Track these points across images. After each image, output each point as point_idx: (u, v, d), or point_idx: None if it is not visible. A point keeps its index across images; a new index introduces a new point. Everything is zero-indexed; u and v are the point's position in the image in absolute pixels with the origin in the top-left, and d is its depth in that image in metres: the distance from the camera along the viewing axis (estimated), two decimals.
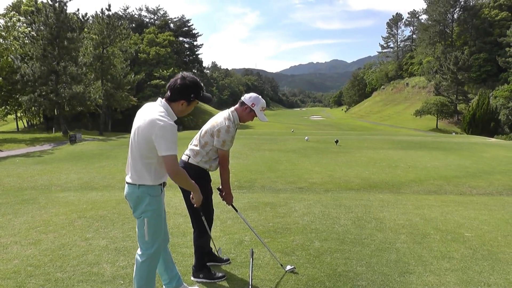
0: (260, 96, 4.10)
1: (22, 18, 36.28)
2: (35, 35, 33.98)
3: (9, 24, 32.76)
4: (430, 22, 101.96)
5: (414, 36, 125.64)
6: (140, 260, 3.27)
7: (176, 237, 5.18)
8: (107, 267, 4.27)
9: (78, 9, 39.57)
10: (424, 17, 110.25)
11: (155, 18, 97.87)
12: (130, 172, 3.21)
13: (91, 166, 13.98)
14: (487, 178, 11.58)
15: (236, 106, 4.07)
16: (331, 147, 21.02)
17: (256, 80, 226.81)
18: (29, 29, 34.74)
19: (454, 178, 11.48)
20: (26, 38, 34.63)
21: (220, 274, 4.07)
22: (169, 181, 3.32)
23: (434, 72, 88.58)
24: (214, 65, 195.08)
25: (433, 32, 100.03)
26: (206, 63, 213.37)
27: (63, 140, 29.64)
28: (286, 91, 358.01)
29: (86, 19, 40.06)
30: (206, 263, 4.10)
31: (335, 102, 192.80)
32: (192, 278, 4.03)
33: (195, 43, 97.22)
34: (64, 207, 7.24)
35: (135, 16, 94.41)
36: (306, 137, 27.29)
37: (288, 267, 4.18)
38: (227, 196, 4.16)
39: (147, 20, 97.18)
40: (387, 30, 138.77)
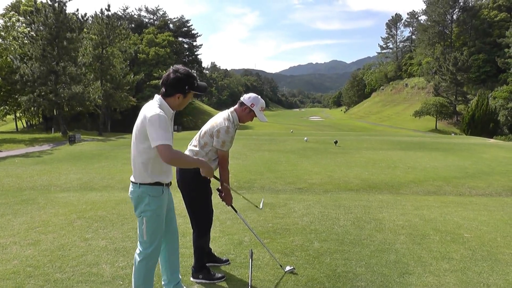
0: (260, 96, 4.10)
1: (22, 18, 36.28)
2: (35, 35, 33.96)
3: (9, 24, 32.76)
4: (429, 23, 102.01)
5: (413, 37, 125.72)
6: (138, 259, 3.28)
7: None
8: (107, 268, 4.27)
9: (78, 9, 39.43)
10: (423, 18, 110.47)
11: (155, 19, 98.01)
12: (133, 171, 3.25)
13: (91, 167, 13.97)
14: (486, 179, 11.58)
15: (236, 107, 4.07)
16: (331, 148, 21.03)
17: (256, 81, 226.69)
18: (29, 29, 34.73)
19: (454, 179, 11.48)
20: (26, 38, 34.63)
21: (220, 275, 4.06)
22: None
23: (433, 73, 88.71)
24: (214, 66, 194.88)
25: (432, 33, 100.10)
26: (206, 64, 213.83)
27: (62, 141, 29.62)
28: (286, 92, 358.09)
29: (86, 19, 39.98)
30: (206, 264, 4.10)
31: (334, 103, 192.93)
32: (192, 279, 4.03)
33: (195, 44, 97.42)
34: (64, 208, 7.23)
35: (135, 17, 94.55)
36: (305, 138, 27.31)
37: (288, 268, 4.18)
38: (227, 197, 4.16)
39: (147, 21, 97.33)
40: (386, 31, 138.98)
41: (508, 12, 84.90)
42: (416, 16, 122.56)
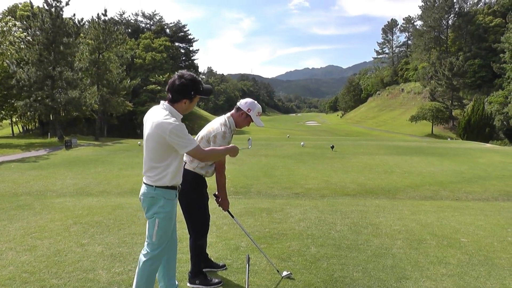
0: (256, 101, 4.11)
1: (18, 23, 36.14)
2: (31, 40, 33.93)
3: (5, 29, 32.61)
4: (425, 28, 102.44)
5: (409, 42, 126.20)
6: (144, 259, 3.33)
7: None
8: (103, 274, 4.25)
9: (74, 14, 39.48)
10: (419, 23, 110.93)
11: (151, 23, 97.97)
12: (147, 174, 3.30)
13: (87, 172, 13.94)
14: (483, 184, 11.62)
15: (232, 112, 4.08)
16: (327, 153, 21.06)
17: (252, 86, 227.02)
18: (25, 34, 34.68)
19: (450, 184, 11.51)
20: (22, 43, 34.55)
21: (216, 280, 4.05)
22: None
23: (429, 78, 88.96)
24: (210, 71, 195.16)
25: (428, 38, 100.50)
26: (202, 69, 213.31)
27: (59, 146, 29.55)
28: (282, 97, 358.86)
29: (82, 24, 40.07)
30: (202, 269, 4.09)
31: (331, 108, 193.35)
32: (188, 284, 4.01)
33: (191, 48, 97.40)
34: (60, 213, 7.20)
35: (131, 21, 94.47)
36: (302, 143, 27.33)
37: (285, 273, 4.17)
38: (223, 202, 4.15)
39: (143, 25, 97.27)
40: (382, 36, 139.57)
41: (503, 18, 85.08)
42: (412, 22, 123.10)
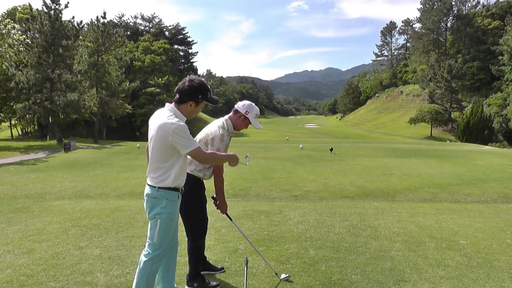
0: (254, 104, 4.11)
1: (17, 26, 36.16)
2: (30, 43, 33.88)
3: (4, 32, 32.60)
4: (424, 31, 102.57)
5: (408, 45, 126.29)
6: (144, 259, 3.36)
7: None
8: (101, 276, 4.24)
9: (73, 17, 39.63)
10: (418, 26, 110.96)
11: (150, 26, 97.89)
12: (150, 175, 3.36)
13: (86, 174, 13.92)
14: (482, 186, 11.64)
15: (230, 114, 4.08)
16: (326, 155, 21.06)
17: (251, 88, 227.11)
18: (24, 37, 34.62)
19: (449, 186, 11.52)
20: (21, 46, 34.52)
21: (215, 283, 4.04)
22: None
23: (428, 80, 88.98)
24: (209, 73, 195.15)
25: (427, 41, 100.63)
26: (201, 71, 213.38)
27: (58, 148, 29.49)
28: (281, 99, 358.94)
29: (81, 27, 40.02)
30: (201, 272, 4.08)
31: (330, 110, 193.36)
32: (186, 287, 4.01)
33: (190, 51, 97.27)
34: (58, 216, 7.19)
35: (130, 24, 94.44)
36: (301, 145, 27.34)
37: (283, 276, 4.16)
38: (221, 205, 4.15)
39: (142, 28, 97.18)
40: (381, 39, 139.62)
41: (502, 20, 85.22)
42: (411, 24, 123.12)
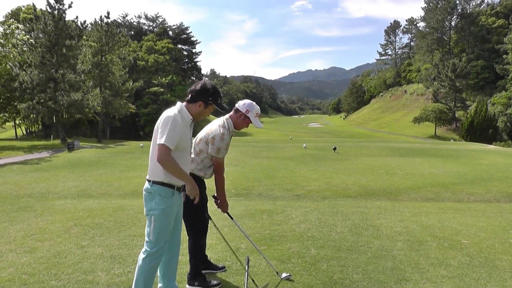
0: (254, 103, 4.11)
1: (21, 26, 36.29)
2: (34, 43, 34.03)
3: (8, 32, 32.76)
4: (428, 30, 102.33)
5: (412, 44, 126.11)
6: (142, 257, 3.38)
7: None
8: (102, 275, 4.25)
9: (77, 17, 39.64)
10: (422, 25, 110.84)
11: (154, 26, 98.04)
12: (149, 169, 3.40)
13: (89, 174, 13.96)
14: (485, 185, 11.60)
15: (231, 114, 4.07)
16: (329, 155, 21.04)
17: (255, 88, 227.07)
18: (28, 37, 34.80)
19: (452, 185, 11.48)
20: (25, 46, 34.69)
21: (215, 282, 4.04)
22: None
23: (432, 79, 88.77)
24: (213, 73, 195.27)
25: (431, 40, 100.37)
26: (205, 71, 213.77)
27: (61, 148, 29.59)
28: (285, 99, 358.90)
29: (85, 27, 40.08)
30: (201, 271, 4.09)
31: (334, 109, 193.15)
32: (187, 286, 4.01)
33: (194, 51, 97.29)
34: (61, 215, 7.21)
35: (134, 24, 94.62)
36: (304, 145, 27.33)
37: (284, 275, 4.16)
38: (222, 204, 4.16)
39: (146, 28, 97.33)
40: (385, 38, 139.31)
41: (506, 19, 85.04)
42: (415, 23, 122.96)
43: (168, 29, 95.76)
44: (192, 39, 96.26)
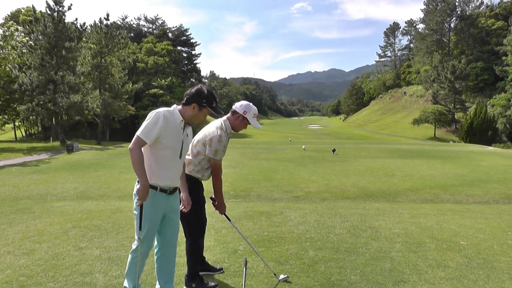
0: (251, 103, 4.11)
1: (21, 28, 36.31)
2: (33, 45, 34.04)
3: (7, 34, 32.77)
4: (427, 31, 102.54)
5: (412, 45, 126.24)
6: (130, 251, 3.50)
7: None
8: (100, 277, 4.25)
9: (77, 19, 39.80)
10: (421, 26, 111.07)
11: (154, 28, 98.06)
12: None
13: (87, 176, 13.94)
14: (484, 187, 11.60)
15: (228, 115, 4.07)
16: (328, 156, 21.04)
17: (254, 89, 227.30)
18: (27, 39, 34.81)
19: (451, 187, 11.49)
20: (24, 48, 34.70)
21: (213, 284, 4.04)
22: None
23: (432, 81, 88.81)
24: (213, 74, 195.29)
25: (430, 41, 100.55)
26: (205, 72, 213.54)
27: (61, 150, 29.59)
28: (284, 100, 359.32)
29: (85, 29, 40.14)
30: (199, 273, 4.08)
31: (333, 111, 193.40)
32: (184, 287, 4.01)
33: (193, 52, 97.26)
34: (59, 217, 7.20)
35: (134, 26, 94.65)
36: (303, 146, 27.31)
37: (282, 276, 4.16)
38: (220, 205, 4.16)
39: (146, 30, 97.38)
40: (385, 39, 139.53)
41: (505, 21, 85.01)
42: (414, 25, 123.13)
43: (168, 31, 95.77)
44: (192, 41, 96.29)
